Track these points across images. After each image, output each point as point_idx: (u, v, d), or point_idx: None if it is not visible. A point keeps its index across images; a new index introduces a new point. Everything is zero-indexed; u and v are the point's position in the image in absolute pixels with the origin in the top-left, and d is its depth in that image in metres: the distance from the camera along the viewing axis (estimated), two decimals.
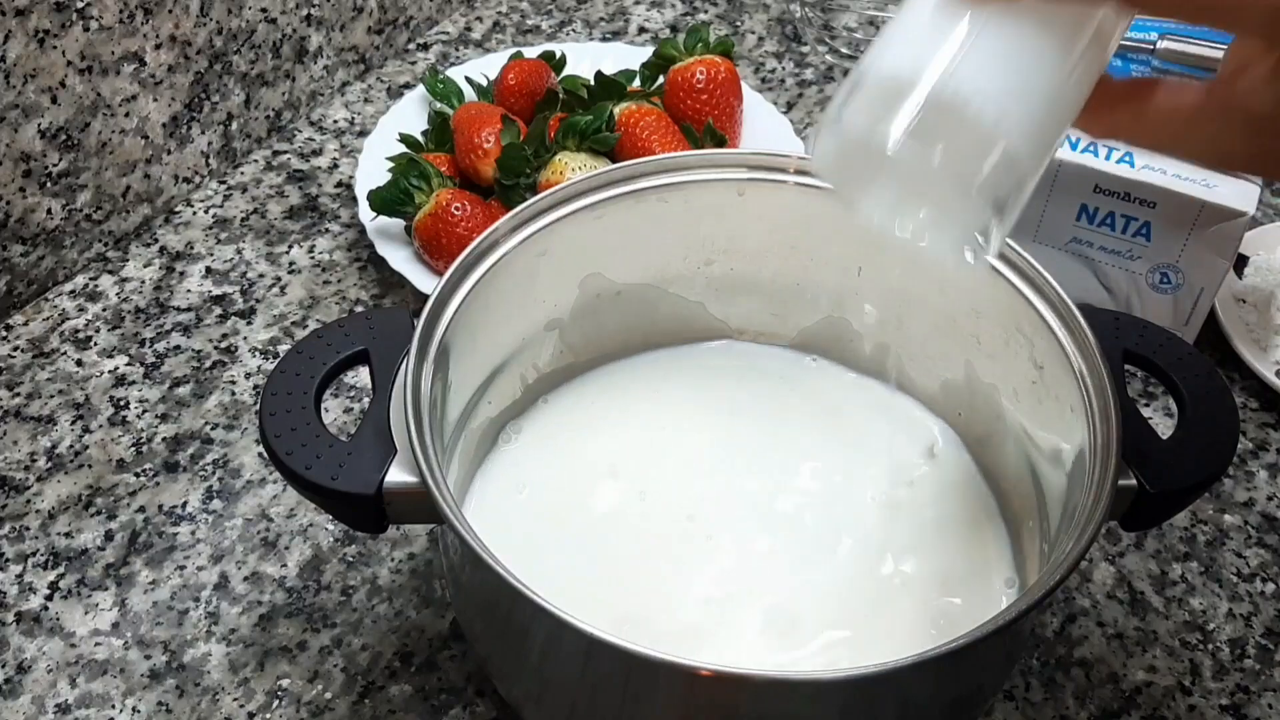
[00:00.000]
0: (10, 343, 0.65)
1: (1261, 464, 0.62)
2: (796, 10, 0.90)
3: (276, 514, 0.57)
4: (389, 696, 0.51)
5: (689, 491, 0.51)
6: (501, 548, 0.39)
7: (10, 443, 0.60)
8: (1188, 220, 0.58)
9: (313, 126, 0.79)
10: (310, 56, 0.78)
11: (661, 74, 0.74)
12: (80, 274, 0.69)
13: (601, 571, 0.49)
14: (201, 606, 0.54)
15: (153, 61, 0.68)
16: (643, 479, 0.52)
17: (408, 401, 0.42)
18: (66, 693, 0.51)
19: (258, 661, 0.52)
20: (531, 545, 0.50)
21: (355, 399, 0.62)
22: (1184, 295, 0.61)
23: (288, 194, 0.74)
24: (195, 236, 0.71)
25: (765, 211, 0.52)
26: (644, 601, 0.48)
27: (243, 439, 0.60)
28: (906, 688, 0.40)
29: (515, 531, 0.51)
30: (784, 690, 0.38)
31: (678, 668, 0.38)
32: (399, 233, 0.67)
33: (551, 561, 0.50)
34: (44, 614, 0.53)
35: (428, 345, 0.45)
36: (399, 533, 0.56)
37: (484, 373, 0.52)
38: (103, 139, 0.67)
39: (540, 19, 0.89)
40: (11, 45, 0.60)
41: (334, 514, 0.46)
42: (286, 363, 0.46)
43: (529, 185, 0.67)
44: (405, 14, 0.84)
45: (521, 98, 0.73)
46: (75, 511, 0.57)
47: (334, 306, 0.67)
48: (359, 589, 0.54)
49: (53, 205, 0.66)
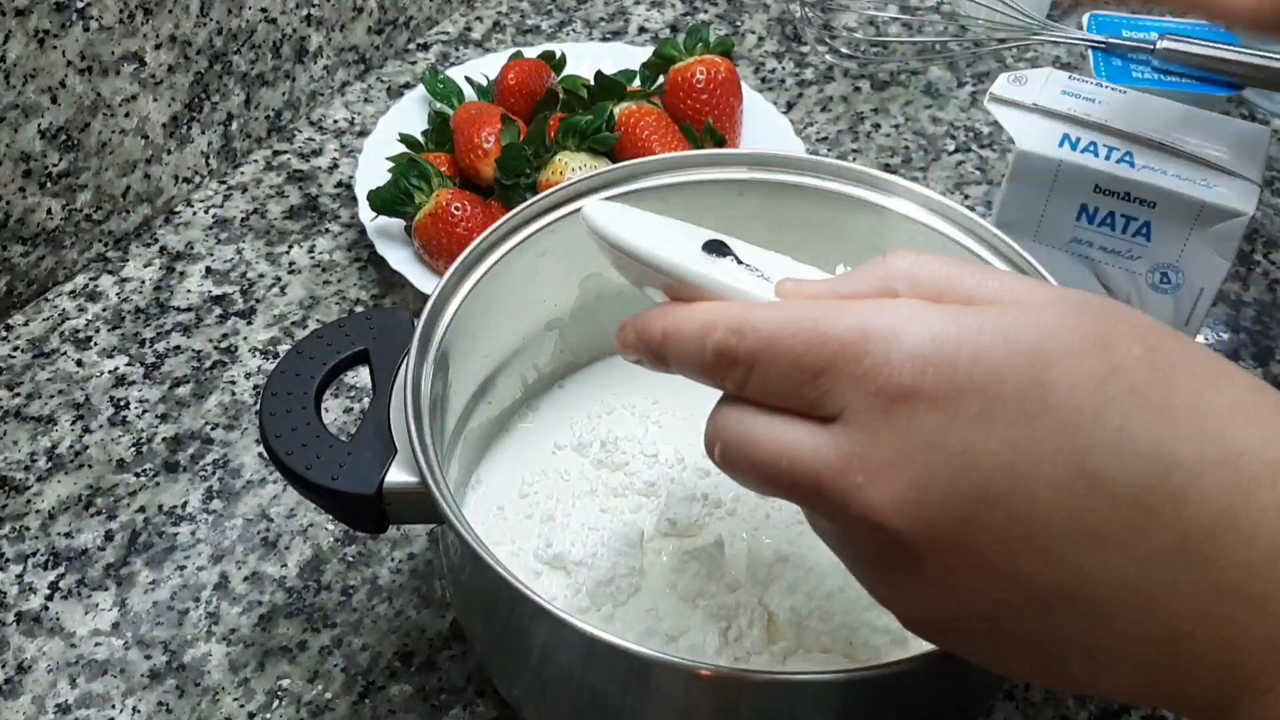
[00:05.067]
0: (10, 343, 0.65)
1: None
2: (796, 10, 0.90)
3: (276, 514, 0.57)
4: (389, 696, 0.51)
5: (690, 489, 0.51)
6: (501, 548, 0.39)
7: (10, 443, 0.60)
8: (1188, 220, 0.58)
9: (313, 126, 0.79)
10: (310, 56, 0.78)
11: (661, 74, 0.74)
12: (80, 274, 0.69)
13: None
14: (201, 606, 0.54)
15: (153, 61, 0.68)
16: (645, 476, 0.52)
17: (408, 401, 0.42)
18: (66, 693, 0.51)
19: (258, 661, 0.52)
20: (531, 545, 0.51)
21: (355, 399, 0.62)
22: (1184, 295, 0.61)
23: (288, 194, 0.74)
24: (195, 236, 0.71)
25: (765, 211, 0.52)
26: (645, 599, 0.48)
27: (243, 439, 0.60)
28: (906, 688, 0.40)
29: (516, 531, 0.51)
30: (784, 690, 0.38)
31: (678, 668, 0.38)
32: (399, 233, 0.67)
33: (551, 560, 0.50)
34: (44, 614, 0.53)
35: (428, 345, 0.45)
36: (399, 533, 0.56)
37: (484, 373, 0.52)
38: (103, 139, 0.67)
39: (540, 19, 0.89)
40: (11, 45, 0.60)
41: (334, 514, 0.46)
42: (286, 363, 0.46)
43: (529, 185, 0.67)
44: (405, 14, 0.84)
45: (521, 98, 0.73)
46: (75, 511, 0.57)
47: (334, 306, 0.67)
48: (359, 589, 0.54)
49: (53, 205, 0.66)
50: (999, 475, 0.27)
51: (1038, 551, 0.27)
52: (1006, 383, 0.27)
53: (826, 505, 0.29)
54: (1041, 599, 0.27)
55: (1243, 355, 0.67)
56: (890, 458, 0.27)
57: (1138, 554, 0.27)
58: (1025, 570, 0.27)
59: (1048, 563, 0.27)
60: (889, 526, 0.28)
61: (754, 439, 0.31)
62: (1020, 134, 0.59)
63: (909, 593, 0.30)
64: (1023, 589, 0.27)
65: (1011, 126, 0.60)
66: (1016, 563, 0.27)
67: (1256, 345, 0.68)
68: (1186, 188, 0.57)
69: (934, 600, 0.29)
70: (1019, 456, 0.27)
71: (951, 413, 0.27)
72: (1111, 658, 0.28)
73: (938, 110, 0.82)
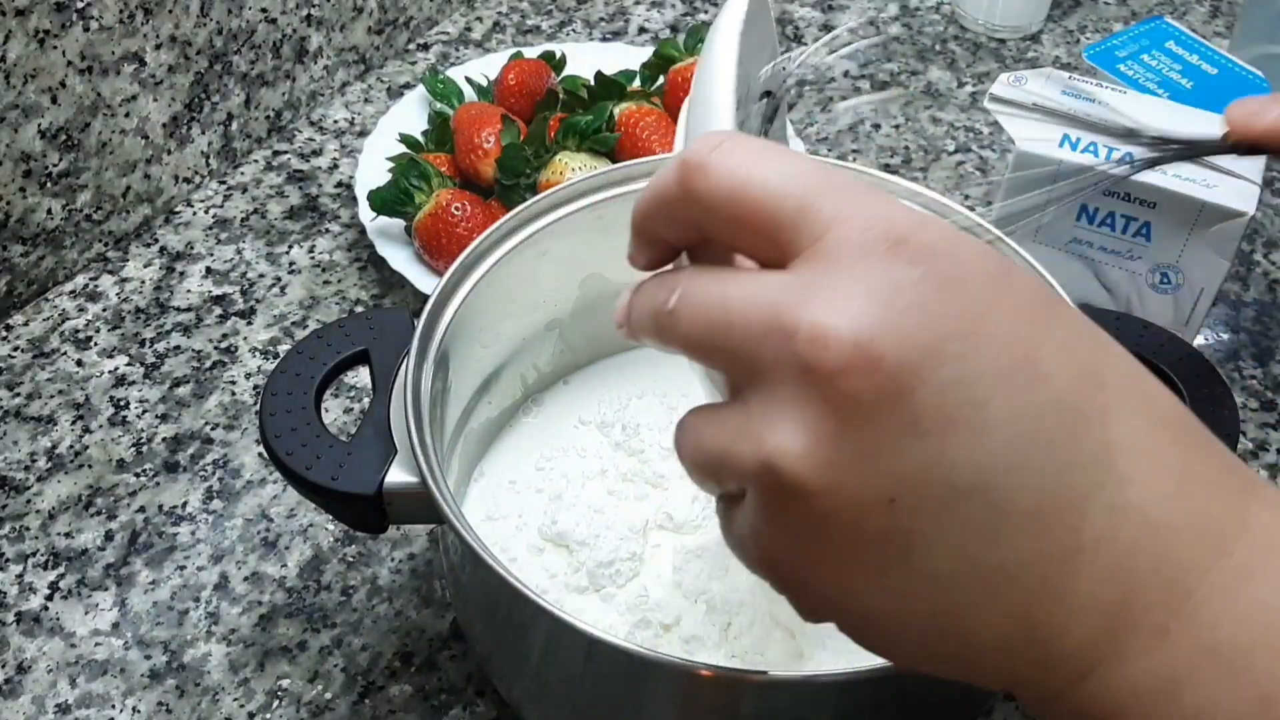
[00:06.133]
0: (10, 343, 0.65)
1: (1261, 464, 0.62)
2: (796, 10, 0.90)
3: (276, 514, 0.57)
4: (389, 696, 0.51)
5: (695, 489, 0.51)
6: (502, 548, 0.39)
7: (10, 443, 0.60)
8: (1188, 220, 0.58)
9: (313, 126, 0.79)
10: (310, 56, 0.78)
11: (661, 74, 0.74)
12: (80, 274, 0.69)
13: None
14: (201, 606, 0.54)
15: (153, 61, 0.68)
16: (656, 467, 0.52)
17: (408, 401, 0.42)
18: (66, 693, 0.51)
19: (258, 661, 0.52)
20: (537, 520, 0.51)
21: (355, 399, 0.62)
22: (1184, 295, 0.61)
23: (288, 194, 0.74)
24: (195, 236, 0.71)
25: None
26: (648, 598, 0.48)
27: (243, 439, 0.60)
28: (906, 688, 0.40)
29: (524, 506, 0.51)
30: (784, 690, 0.38)
31: (678, 668, 0.38)
32: (399, 233, 0.67)
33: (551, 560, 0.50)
34: (44, 614, 0.53)
35: (428, 345, 0.45)
36: (399, 533, 0.56)
37: (484, 373, 0.52)
38: (103, 139, 0.67)
39: (540, 19, 0.89)
40: (11, 45, 0.60)
41: (334, 514, 0.46)
42: (286, 363, 0.46)
43: (529, 185, 0.67)
44: (405, 14, 0.84)
45: (521, 98, 0.73)
46: (75, 511, 0.57)
47: (334, 306, 0.67)
48: (359, 589, 0.54)
49: (53, 205, 0.66)
50: (954, 340, 0.26)
51: (970, 430, 0.26)
52: (982, 264, 0.28)
53: (774, 342, 0.27)
54: (957, 484, 0.26)
55: (1243, 355, 0.67)
56: (859, 292, 0.27)
57: (1061, 461, 0.27)
58: (951, 447, 0.26)
59: (975, 445, 0.26)
60: (837, 352, 0.26)
61: (721, 289, 0.29)
62: (1020, 134, 0.59)
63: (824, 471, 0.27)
64: (942, 468, 0.26)
65: (1011, 126, 0.60)
66: (946, 436, 0.26)
67: (1256, 345, 0.68)
68: (1186, 188, 0.57)
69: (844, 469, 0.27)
70: (978, 328, 0.27)
71: (926, 269, 0.27)
72: (995, 580, 0.27)
73: (938, 110, 0.82)
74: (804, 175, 0.28)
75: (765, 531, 0.29)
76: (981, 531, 0.27)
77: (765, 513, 0.28)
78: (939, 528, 0.27)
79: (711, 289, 0.29)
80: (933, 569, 0.27)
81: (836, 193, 0.28)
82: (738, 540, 0.30)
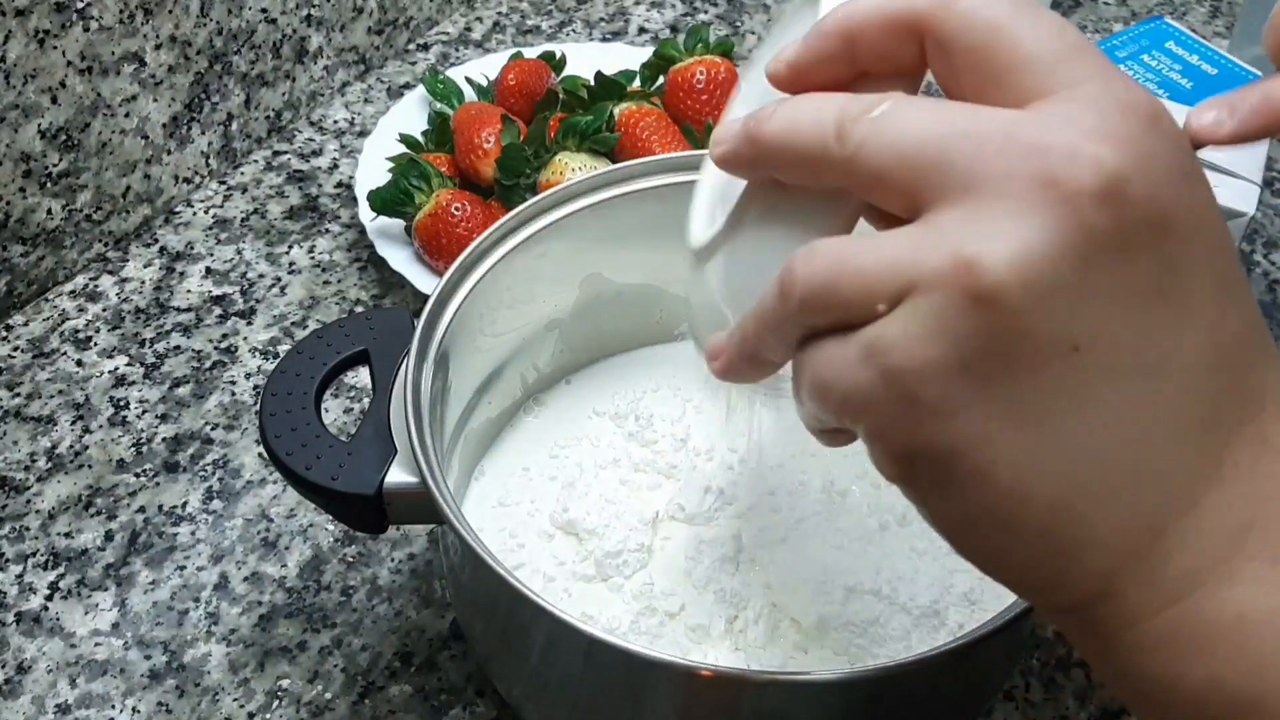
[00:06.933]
0: (10, 343, 0.65)
1: None
2: None
3: (276, 514, 0.57)
4: (389, 696, 0.51)
5: (707, 481, 0.51)
6: (502, 548, 0.39)
7: (10, 443, 0.60)
8: None
9: (313, 127, 0.79)
10: (310, 57, 0.78)
11: (661, 74, 0.74)
12: (80, 274, 0.69)
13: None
14: (201, 607, 0.54)
15: (153, 61, 0.68)
16: (669, 459, 0.52)
17: (408, 401, 0.42)
18: (66, 693, 0.51)
19: (258, 661, 0.52)
20: (549, 508, 0.51)
21: (355, 399, 0.62)
22: None
23: (288, 194, 0.74)
24: (195, 237, 0.71)
25: None
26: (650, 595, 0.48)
27: (243, 439, 0.60)
28: (907, 688, 0.40)
29: (516, 531, 0.51)
30: (784, 690, 0.38)
31: (678, 668, 0.38)
32: (399, 233, 0.67)
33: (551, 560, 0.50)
34: (44, 614, 0.53)
35: (428, 345, 0.45)
36: (399, 533, 0.56)
37: (484, 373, 0.52)
38: (103, 139, 0.67)
39: (540, 19, 0.89)
40: (11, 45, 0.60)
41: (334, 514, 0.46)
42: (286, 363, 0.46)
43: (529, 185, 0.67)
44: (405, 14, 0.84)
45: (521, 98, 0.73)
46: (75, 512, 0.57)
47: (334, 306, 0.67)
48: (359, 589, 0.54)
49: (53, 205, 0.66)
50: (1186, 224, 0.26)
51: (1179, 314, 0.26)
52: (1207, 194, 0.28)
53: (1013, 152, 0.26)
54: (1149, 362, 0.26)
55: None
56: (1119, 137, 0.26)
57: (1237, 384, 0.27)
58: (1156, 324, 0.26)
59: (1179, 330, 0.26)
60: (1095, 174, 0.25)
61: (940, 111, 0.28)
62: None
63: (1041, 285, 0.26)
64: (1143, 339, 0.26)
65: None
66: (1155, 308, 0.26)
67: None
68: None
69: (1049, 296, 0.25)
70: (1202, 222, 0.27)
71: (1173, 144, 0.27)
72: (1141, 474, 0.27)
73: None
74: (1063, 34, 0.28)
75: (923, 339, 0.26)
76: (1149, 423, 0.26)
77: (937, 320, 0.25)
78: (1115, 397, 0.26)
79: (926, 109, 0.28)
80: (1086, 439, 0.26)
81: (1087, 56, 0.28)
82: (844, 362, 0.27)
